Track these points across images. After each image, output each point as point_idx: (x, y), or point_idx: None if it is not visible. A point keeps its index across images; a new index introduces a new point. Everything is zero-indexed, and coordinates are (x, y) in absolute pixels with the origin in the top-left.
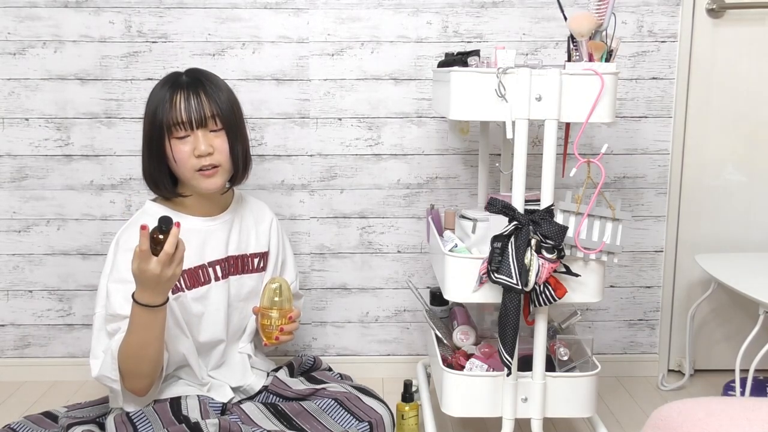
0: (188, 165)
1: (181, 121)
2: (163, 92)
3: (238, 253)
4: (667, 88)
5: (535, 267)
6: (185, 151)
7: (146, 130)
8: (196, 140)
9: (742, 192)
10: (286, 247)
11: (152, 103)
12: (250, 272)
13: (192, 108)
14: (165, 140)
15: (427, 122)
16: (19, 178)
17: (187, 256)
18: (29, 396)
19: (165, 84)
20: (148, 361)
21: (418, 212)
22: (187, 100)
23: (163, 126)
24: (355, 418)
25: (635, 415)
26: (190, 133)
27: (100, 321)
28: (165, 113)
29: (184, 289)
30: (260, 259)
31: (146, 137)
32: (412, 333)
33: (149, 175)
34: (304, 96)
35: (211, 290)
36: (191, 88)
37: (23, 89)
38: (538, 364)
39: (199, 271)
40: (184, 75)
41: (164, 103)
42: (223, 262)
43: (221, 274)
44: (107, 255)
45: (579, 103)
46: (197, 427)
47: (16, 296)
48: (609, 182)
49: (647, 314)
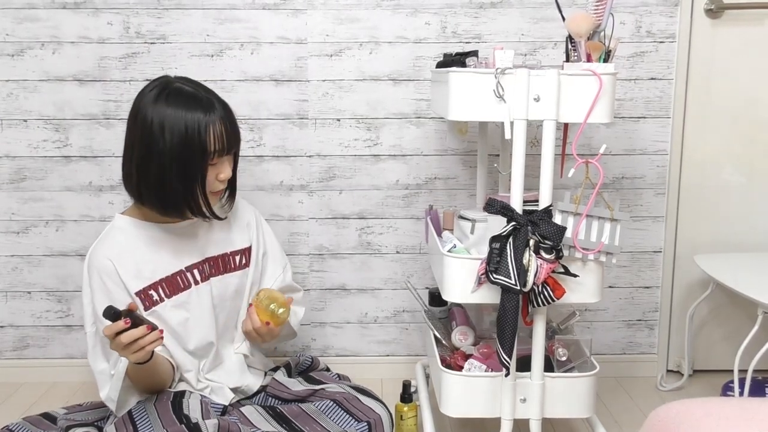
0: (211, 188)
1: (221, 149)
2: (196, 117)
3: (218, 253)
4: (665, 89)
5: (534, 267)
6: (213, 175)
7: (181, 155)
8: (224, 166)
9: (741, 192)
10: (266, 239)
11: (180, 126)
12: (232, 270)
13: (231, 136)
14: (205, 165)
15: (425, 123)
16: (17, 179)
17: (163, 265)
18: (28, 397)
19: (189, 106)
20: (157, 384)
21: (416, 213)
22: (226, 129)
23: (205, 152)
24: (353, 418)
25: (634, 415)
26: (220, 159)
27: (92, 339)
28: (207, 140)
29: (164, 299)
30: (242, 256)
31: (180, 162)
32: (411, 333)
33: (180, 199)
34: (302, 97)
35: (192, 295)
36: (225, 116)
37: (22, 90)
38: (537, 364)
39: (177, 277)
40: (199, 94)
41: (203, 129)
42: (201, 264)
43: (200, 277)
44: (83, 272)
45: (577, 103)
46: (197, 427)
47: (14, 297)
48: (607, 183)
49: (646, 315)
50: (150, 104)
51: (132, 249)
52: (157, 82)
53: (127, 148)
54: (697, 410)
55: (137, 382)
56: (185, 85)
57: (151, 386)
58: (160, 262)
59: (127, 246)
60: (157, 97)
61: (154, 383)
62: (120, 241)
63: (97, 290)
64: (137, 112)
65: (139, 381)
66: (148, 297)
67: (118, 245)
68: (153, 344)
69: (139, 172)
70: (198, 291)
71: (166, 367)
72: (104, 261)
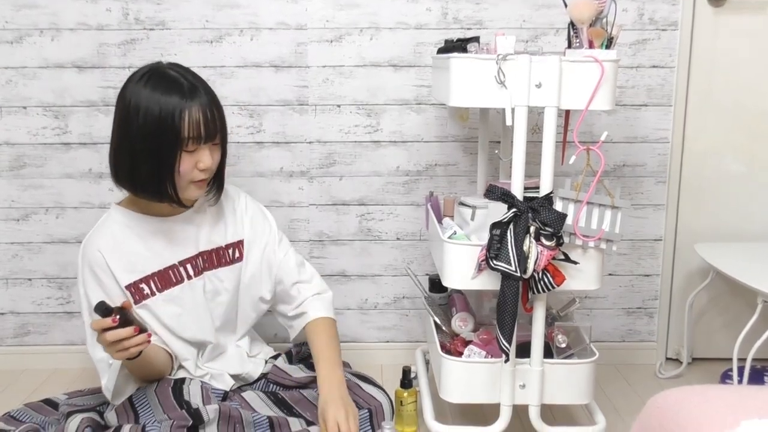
0: (188, 177)
1: (197, 136)
2: (172, 101)
3: (211, 247)
4: (667, 77)
5: (534, 254)
6: (190, 163)
7: (153, 139)
8: (202, 154)
9: (741, 181)
10: (260, 229)
11: (155, 109)
12: (226, 264)
13: (209, 124)
14: (177, 151)
15: (426, 109)
16: (17, 166)
17: (156, 258)
18: (29, 384)
19: (168, 90)
20: (155, 374)
21: (417, 199)
22: (204, 116)
23: (178, 137)
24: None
25: (633, 402)
26: (197, 147)
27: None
28: (181, 126)
29: (156, 292)
30: (234, 249)
31: (152, 145)
32: (411, 320)
33: (149, 184)
34: (302, 83)
35: (185, 290)
36: (206, 103)
37: (21, 77)
38: (537, 351)
39: (169, 271)
40: (183, 80)
41: (177, 114)
42: (195, 259)
43: (194, 272)
44: (78, 261)
45: (579, 90)
46: (198, 413)
47: (15, 284)
48: (608, 170)
49: (646, 302)
50: (134, 86)
51: (125, 241)
52: (148, 66)
53: (112, 132)
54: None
55: (134, 372)
56: (172, 70)
57: (149, 375)
58: (153, 256)
59: (119, 238)
60: (140, 80)
61: (151, 373)
62: (113, 232)
63: (89, 282)
64: (122, 94)
65: (136, 371)
66: (138, 290)
67: (111, 237)
68: (138, 347)
69: (115, 154)
70: (191, 286)
71: (162, 358)
72: (95, 253)
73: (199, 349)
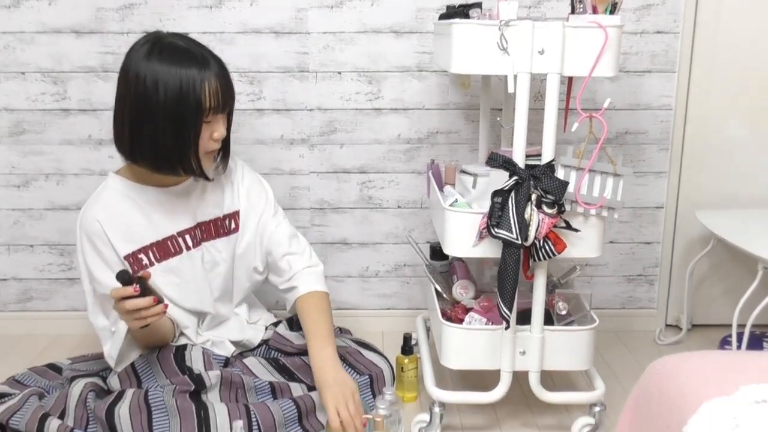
0: (205, 147)
1: (216, 106)
2: (190, 73)
3: (210, 218)
4: (671, 42)
5: (535, 222)
6: (207, 134)
7: (175, 113)
8: (218, 124)
9: (744, 148)
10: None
11: (174, 83)
12: (224, 235)
13: (225, 93)
14: (200, 122)
15: (427, 76)
16: (17, 132)
17: (154, 229)
18: (32, 349)
19: (182, 62)
20: (158, 341)
21: (418, 167)
22: (221, 85)
23: (200, 109)
24: (355, 371)
25: (632, 368)
26: (214, 117)
27: (90, 297)
28: (202, 97)
29: (154, 263)
30: (231, 220)
31: (174, 119)
32: (412, 287)
33: (172, 158)
34: (303, 49)
35: (184, 260)
36: (220, 72)
37: (18, 43)
38: (537, 318)
39: (167, 242)
40: (194, 50)
41: (198, 86)
42: (194, 230)
43: (192, 243)
44: (76, 230)
45: (582, 56)
46: (200, 378)
47: (17, 251)
48: (610, 137)
49: (646, 270)
50: (142, 60)
51: (123, 211)
52: (148, 37)
53: (119, 107)
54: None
55: (139, 340)
56: (179, 40)
57: (153, 343)
58: (151, 226)
59: (118, 208)
60: (149, 53)
61: (156, 340)
62: (112, 202)
63: (88, 252)
64: (128, 69)
65: (141, 339)
66: (137, 261)
67: (110, 207)
68: (155, 317)
69: (131, 131)
70: (190, 257)
71: (167, 326)
72: (93, 223)
73: (199, 318)
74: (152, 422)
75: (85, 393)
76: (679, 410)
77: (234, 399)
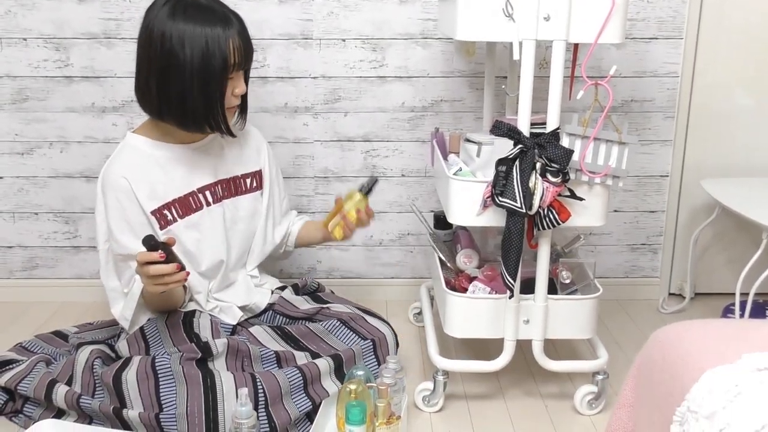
0: (228, 103)
1: (240, 62)
2: (216, 31)
3: (229, 175)
4: (679, 8)
5: (540, 190)
6: (230, 90)
7: (203, 70)
8: (239, 80)
9: (750, 116)
10: (274, 167)
11: (200, 41)
12: (244, 193)
13: (248, 49)
14: (226, 79)
15: (432, 44)
16: (19, 99)
17: (176, 185)
18: (38, 316)
19: (207, 20)
20: (169, 306)
21: (422, 135)
22: (243, 41)
23: (226, 65)
24: (359, 336)
25: (635, 336)
26: (236, 74)
27: (105, 256)
28: (228, 54)
29: (177, 219)
30: (252, 179)
31: (203, 76)
32: (416, 256)
33: (200, 114)
34: (306, 16)
35: (204, 216)
36: (241, 29)
37: (20, 8)
38: (541, 287)
39: (189, 198)
40: (216, 7)
41: (224, 43)
42: (214, 186)
43: (212, 199)
44: (97, 190)
45: (588, 23)
46: (207, 346)
47: (22, 218)
48: (616, 105)
49: (650, 239)
50: (166, 19)
51: (145, 168)
52: None
53: (143, 66)
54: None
55: (150, 303)
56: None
57: (163, 307)
58: (173, 183)
59: (140, 165)
60: (173, 12)
61: (167, 305)
62: (134, 160)
63: (112, 208)
64: (152, 29)
65: (152, 303)
66: (162, 216)
67: (133, 164)
68: (176, 284)
69: (158, 90)
70: (210, 212)
71: (179, 291)
72: (120, 179)
73: (212, 279)
74: (159, 389)
75: (91, 360)
76: (682, 378)
77: (240, 368)
